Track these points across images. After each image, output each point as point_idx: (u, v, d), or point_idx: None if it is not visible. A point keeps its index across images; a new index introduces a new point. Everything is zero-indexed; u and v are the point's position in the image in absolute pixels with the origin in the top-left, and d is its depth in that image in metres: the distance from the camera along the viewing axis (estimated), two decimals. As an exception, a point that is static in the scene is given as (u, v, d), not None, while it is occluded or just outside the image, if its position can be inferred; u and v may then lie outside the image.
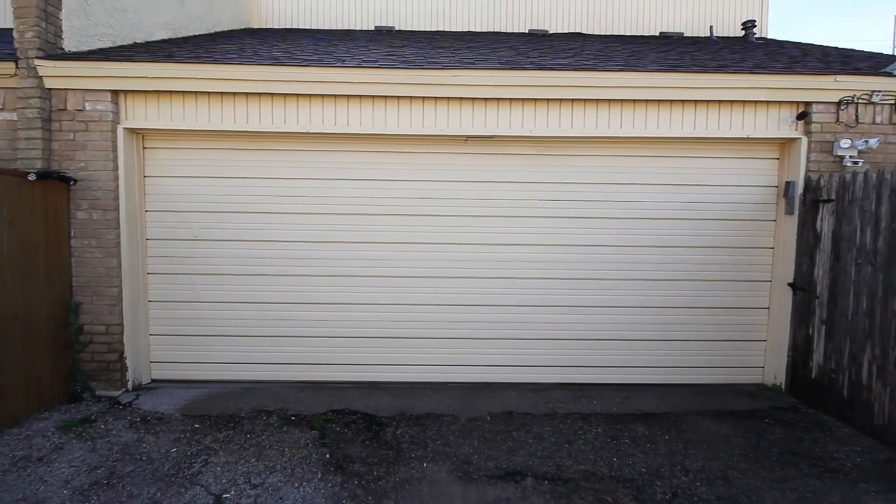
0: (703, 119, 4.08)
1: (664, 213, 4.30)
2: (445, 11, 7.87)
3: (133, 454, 3.04)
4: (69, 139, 3.87)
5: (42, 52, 3.81)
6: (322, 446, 3.14)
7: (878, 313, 3.31)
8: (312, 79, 3.88)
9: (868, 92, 3.95)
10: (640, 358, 4.34)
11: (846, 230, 3.59)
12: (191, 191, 4.16)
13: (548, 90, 3.93)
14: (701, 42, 6.82)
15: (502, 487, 2.70)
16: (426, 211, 4.23)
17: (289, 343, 4.24)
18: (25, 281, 3.51)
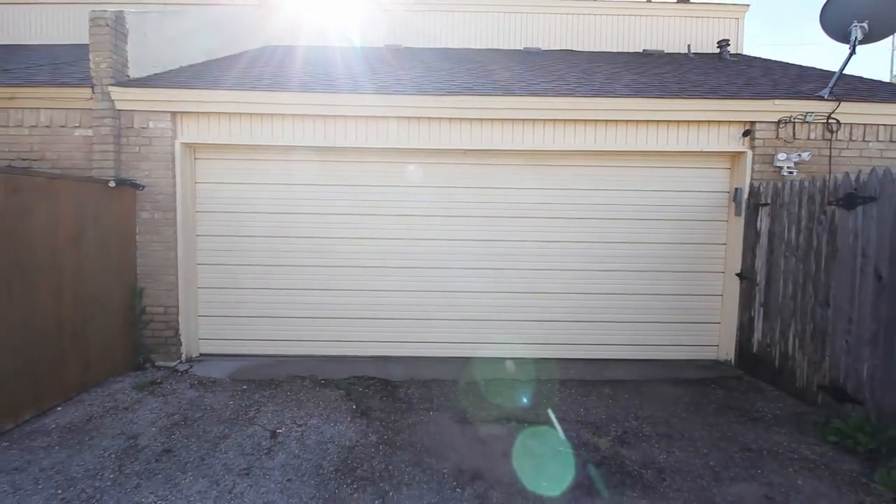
0: (665, 135, 4.84)
1: (633, 214, 5.06)
2: (448, 29, 8.63)
3: (198, 405, 3.82)
4: (135, 152, 4.66)
5: (113, 80, 4.60)
6: (349, 400, 3.92)
7: (799, 297, 4.07)
8: (333, 102, 4.66)
9: (802, 113, 4.71)
10: (613, 337, 5.10)
11: (777, 228, 4.35)
12: (233, 194, 4.95)
13: (534, 112, 4.70)
14: (678, 60, 7.58)
15: (491, 427, 3.47)
16: (430, 212, 5.01)
17: (315, 323, 5.02)
18: (104, 270, 4.30)
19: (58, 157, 4.72)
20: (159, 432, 3.37)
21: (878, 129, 4.81)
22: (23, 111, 4.72)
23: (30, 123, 4.72)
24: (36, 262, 3.59)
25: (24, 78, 5.02)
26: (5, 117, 4.73)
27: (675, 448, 3.22)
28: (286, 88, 4.74)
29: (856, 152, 4.82)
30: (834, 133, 4.76)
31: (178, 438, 3.27)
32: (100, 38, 4.56)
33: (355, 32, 8.58)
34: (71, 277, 3.92)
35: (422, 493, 2.67)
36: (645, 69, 6.42)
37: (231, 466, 2.92)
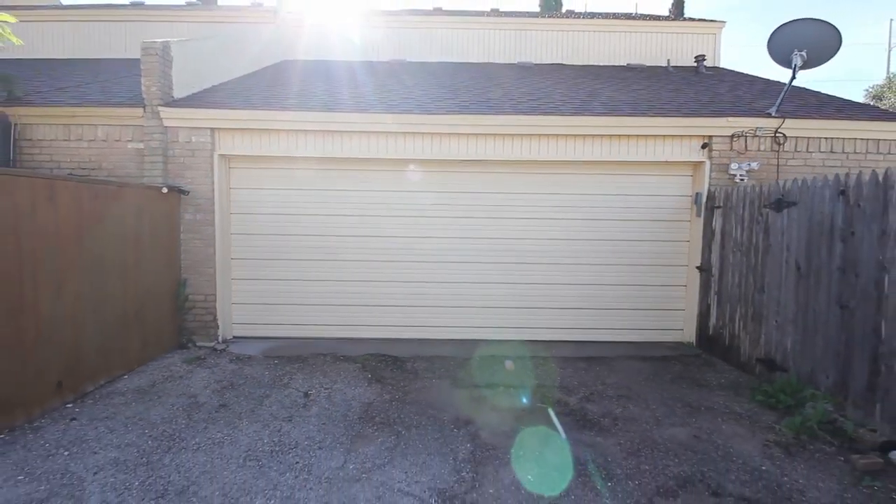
0: (635, 148, 5.60)
1: (610, 215, 5.83)
2: (449, 44, 9.39)
3: (240, 375, 4.60)
4: (180, 162, 5.44)
5: (161, 101, 5.38)
6: (365, 371, 4.70)
7: (743, 285, 4.84)
8: (348, 119, 5.43)
9: (753, 128, 5.47)
10: (592, 321, 5.87)
11: (728, 227, 5.12)
12: (262, 198, 5.72)
13: (521, 128, 5.47)
14: (657, 74, 8.35)
15: (482, 391, 4.24)
16: (433, 213, 5.78)
17: (333, 310, 5.80)
18: (156, 263, 5.09)
19: (112, 166, 5.50)
20: (213, 393, 4.15)
21: (819, 141, 5.57)
22: (82, 127, 5.50)
23: (88, 138, 5.51)
24: (108, 257, 4.37)
25: (81, 97, 5.80)
26: (67, 132, 5.51)
27: (630, 405, 3.99)
28: (311, 108, 5.51)
29: (801, 161, 5.58)
30: (781, 145, 5.51)
31: (230, 397, 4.05)
32: (150, 64, 5.34)
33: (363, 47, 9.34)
34: (132, 269, 4.70)
35: (427, 432, 3.44)
36: (624, 85, 7.18)
37: (276, 415, 3.70)
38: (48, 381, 3.72)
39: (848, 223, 3.62)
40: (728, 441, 3.37)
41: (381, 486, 2.77)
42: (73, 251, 3.97)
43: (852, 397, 3.53)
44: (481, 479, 2.85)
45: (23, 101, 5.57)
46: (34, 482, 2.77)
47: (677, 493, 2.74)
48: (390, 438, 3.36)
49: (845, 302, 3.61)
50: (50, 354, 3.73)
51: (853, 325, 3.53)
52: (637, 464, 3.06)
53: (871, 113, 5.86)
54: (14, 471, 2.88)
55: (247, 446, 3.22)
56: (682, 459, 3.12)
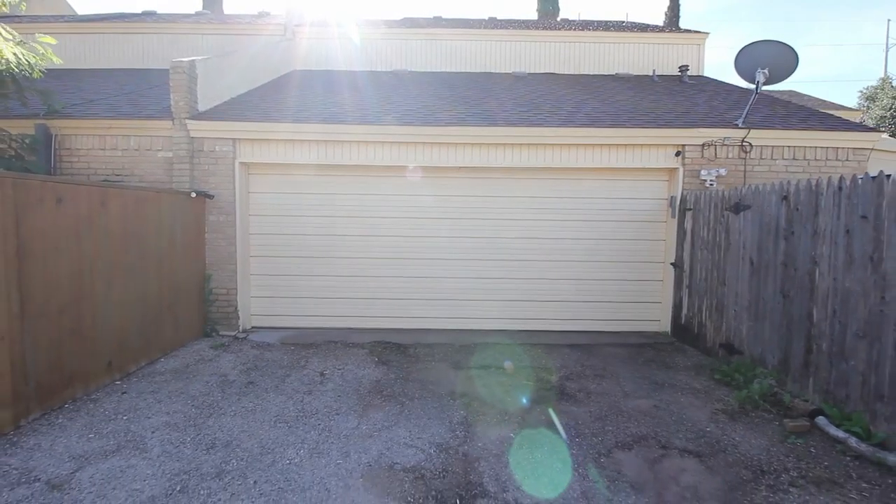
0: (615, 155, 6.19)
1: (592, 216, 6.41)
2: (449, 54, 9.97)
3: (262, 358, 5.20)
4: (205, 169, 6.04)
5: (188, 114, 5.98)
6: (372, 355, 5.30)
7: (709, 279, 5.43)
8: (354, 131, 6.02)
9: (721, 138, 6.05)
10: (576, 313, 6.46)
11: (697, 228, 5.71)
12: (277, 201, 6.32)
13: (511, 139, 6.05)
14: (643, 83, 8.93)
15: (475, 371, 4.84)
16: (430, 214, 6.37)
17: (343, 303, 6.40)
18: (185, 260, 5.69)
19: (144, 173, 6.10)
20: (240, 373, 4.75)
21: (783, 149, 6.15)
22: (116, 137, 6.10)
23: (122, 147, 6.11)
24: (147, 254, 4.98)
25: (114, 110, 6.40)
26: (102, 142, 6.11)
27: (604, 382, 4.58)
28: (321, 121, 6.10)
29: (766, 168, 6.16)
30: (747, 153, 6.10)
31: (256, 376, 4.65)
32: (178, 81, 5.94)
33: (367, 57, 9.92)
34: (166, 265, 5.30)
35: (427, 403, 4.04)
36: (609, 96, 7.76)
37: (297, 389, 4.30)
38: (101, 360, 4.32)
39: (789, 224, 4.21)
40: (683, 410, 3.97)
41: (389, 441, 3.38)
42: (120, 249, 4.57)
43: (791, 373, 4.12)
44: (471, 437, 3.45)
45: (61, 114, 6.16)
46: (103, 439, 3.38)
47: (632, 446, 3.34)
48: (396, 407, 3.96)
49: (787, 292, 4.20)
50: (102, 338, 4.33)
51: (792, 311, 4.12)
52: (602, 426, 3.65)
53: (830, 123, 6.43)
54: (84, 430, 3.49)
55: (275, 413, 3.82)
56: (641, 423, 3.71)
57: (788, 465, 3.09)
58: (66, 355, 3.94)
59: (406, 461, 3.11)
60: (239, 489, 2.78)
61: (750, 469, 3.06)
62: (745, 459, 3.18)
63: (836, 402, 3.65)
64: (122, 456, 3.14)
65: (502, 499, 2.71)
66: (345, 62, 9.83)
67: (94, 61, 9.88)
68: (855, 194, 3.53)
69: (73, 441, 3.33)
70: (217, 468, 3.00)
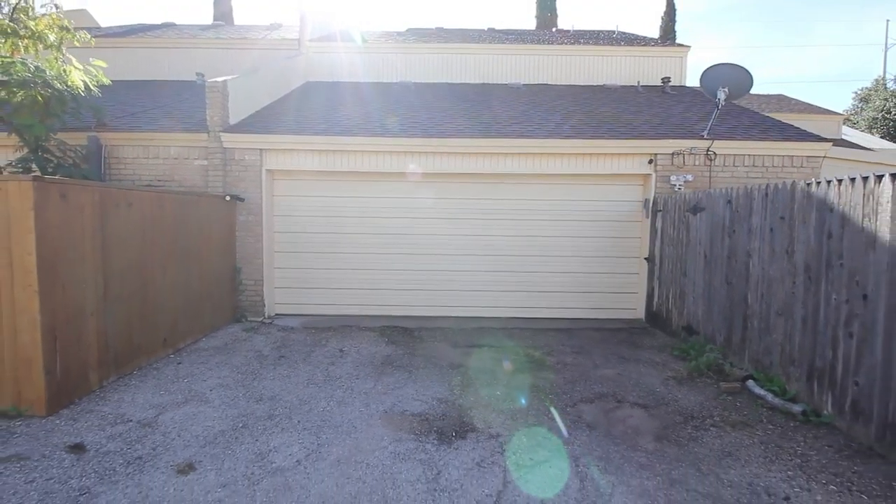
0: (597, 163, 7.02)
1: (577, 216, 7.24)
2: (450, 67, 10.80)
3: (288, 339, 6.06)
4: (236, 175, 6.91)
5: (221, 127, 6.84)
6: (382, 337, 6.15)
7: (674, 271, 6.26)
8: (365, 142, 6.87)
9: (688, 147, 6.88)
10: (562, 302, 7.30)
11: (665, 227, 6.54)
12: (299, 203, 7.18)
13: (503, 149, 6.90)
14: (628, 93, 9.76)
15: (472, 350, 5.68)
16: (429, 215, 7.21)
17: (356, 293, 7.25)
18: (219, 254, 6.56)
19: (182, 179, 6.97)
20: (272, 349, 5.61)
21: (744, 157, 6.97)
22: (158, 147, 6.98)
23: (163, 156, 6.98)
24: (191, 249, 5.84)
25: (154, 123, 7.27)
26: (146, 152, 6.99)
27: (579, 357, 5.43)
28: (334, 133, 6.95)
29: (728, 174, 6.98)
30: (712, 161, 6.92)
31: (285, 351, 5.52)
32: (213, 99, 6.80)
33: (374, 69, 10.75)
34: (205, 258, 6.17)
35: (431, 372, 4.90)
36: (595, 107, 8.59)
37: (322, 362, 5.16)
38: (159, 337, 5.20)
39: (732, 223, 5.04)
40: (640, 377, 4.81)
41: (400, 396, 4.23)
42: (171, 245, 5.44)
43: (732, 348, 4.95)
44: (466, 394, 4.31)
45: (109, 127, 7.03)
46: (172, 395, 4.25)
47: (594, 401, 4.19)
48: (404, 374, 4.81)
49: (730, 280, 5.03)
50: (160, 318, 5.20)
51: (734, 296, 4.96)
52: (573, 387, 4.50)
53: (787, 134, 7.24)
54: (155, 389, 4.36)
55: (306, 377, 4.68)
56: (604, 386, 4.56)
57: (714, 414, 3.93)
58: (134, 331, 4.81)
59: (414, 409, 3.97)
60: (287, 426, 3.63)
61: (683, 416, 3.90)
62: (681, 410, 4.02)
63: (762, 368, 4.49)
64: (190, 405, 4.01)
65: (487, 433, 3.56)
66: (353, 73, 10.66)
67: (125, 73, 10.72)
68: (776, 199, 4.36)
69: (148, 396, 4.19)
70: (267, 413, 3.86)
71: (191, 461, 3.11)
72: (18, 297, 3.71)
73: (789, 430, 3.63)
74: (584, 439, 3.48)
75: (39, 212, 3.69)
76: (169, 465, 3.07)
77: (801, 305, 4.03)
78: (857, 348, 3.46)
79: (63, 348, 3.91)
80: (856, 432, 3.45)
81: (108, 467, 3.04)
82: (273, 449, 3.29)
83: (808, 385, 3.92)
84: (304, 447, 3.31)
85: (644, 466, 3.12)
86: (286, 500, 2.70)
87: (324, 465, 3.08)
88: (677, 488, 2.87)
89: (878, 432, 3.28)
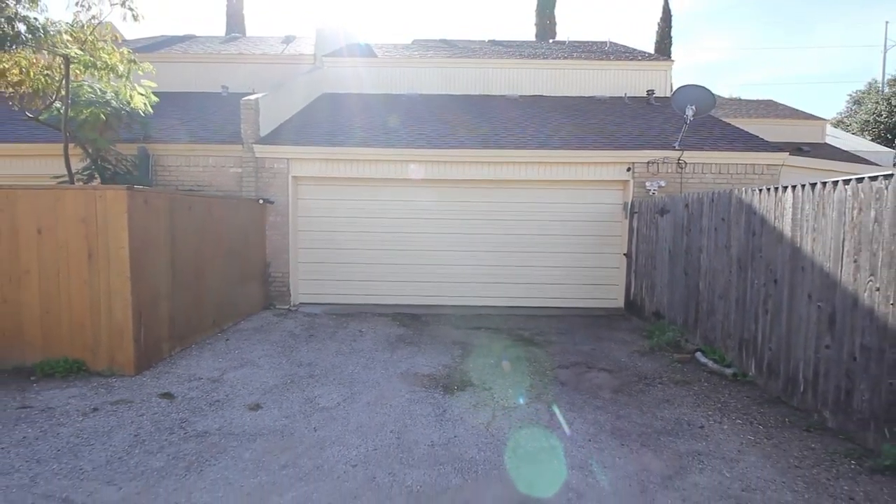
0: (583, 170, 8.00)
1: (566, 217, 8.23)
2: (453, 79, 11.78)
3: (313, 322, 7.07)
4: (266, 181, 7.92)
5: (253, 140, 7.86)
6: (394, 321, 7.16)
7: (647, 265, 7.24)
8: (378, 153, 7.88)
9: (662, 157, 7.85)
10: (551, 293, 8.28)
11: (640, 226, 7.52)
12: (320, 206, 8.19)
13: (500, 158, 7.89)
14: (616, 104, 10.73)
15: (469, 331, 6.68)
16: (431, 216, 8.21)
17: (370, 284, 8.25)
18: (253, 250, 7.57)
19: (219, 184, 7.99)
20: (302, 330, 6.63)
21: (711, 165, 7.94)
22: (198, 157, 8.00)
23: (203, 165, 8.00)
24: (231, 244, 6.86)
25: (193, 135, 8.29)
26: (187, 161, 8.01)
27: (562, 337, 6.42)
28: (348, 144, 7.96)
29: (697, 180, 7.95)
30: (683, 169, 7.89)
31: (313, 332, 6.53)
32: (247, 115, 7.82)
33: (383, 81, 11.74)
34: (242, 254, 7.19)
35: (436, 346, 5.90)
36: (584, 119, 9.56)
37: (345, 339, 6.17)
38: (209, 318, 6.22)
39: (688, 223, 6.01)
40: (610, 351, 5.80)
41: (412, 363, 5.23)
42: (217, 241, 6.45)
43: (688, 328, 5.93)
44: (465, 362, 5.31)
45: (155, 139, 8.06)
46: (228, 361, 5.26)
47: (569, 367, 5.18)
48: (415, 348, 5.81)
49: (687, 271, 6.01)
50: (209, 303, 6.22)
51: (689, 285, 5.93)
52: (553, 358, 5.49)
53: (751, 145, 8.20)
54: (214, 358, 5.37)
55: (334, 350, 5.69)
56: (579, 357, 5.55)
57: (663, 376, 4.92)
58: (192, 313, 5.83)
59: (424, 371, 4.97)
60: (325, 382, 4.64)
61: (638, 377, 4.88)
62: (638, 373, 5.00)
63: (708, 342, 5.47)
64: (246, 369, 5.03)
65: (481, 387, 4.55)
66: (364, 85, 11.65)
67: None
68: (718, 204, 5.34)
69: (210, 362, 5.21)
70: (308, 374, 4.87)
71: (257, 403, 4.13)
72: (113, 282, 4.73)
73: (720, 387, 4.61)
74: (557, 391, 4.48)
75: (130, 214, 4.71)
76: (241, 405, 4.08)
77: (734, 290, 5.01)
78: (770, 321, 4.44)
79: (146, 323, 4.93)
80: (769, 387, 4.44)
81: (196, 406, 4.06)
82: (317, 396, 4.30)
83: (739, 353, 4.90)
84: (341, 395, 4.32)
85: (600, 408, 4.11)
86: (334, 425, 3.71)
87: (357, 406, 4.09)
88: (622, 420, 3.87)
89: (783, 385, 4.26)
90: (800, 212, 4.12)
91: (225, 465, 3.13)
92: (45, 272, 4.78)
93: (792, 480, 3.02)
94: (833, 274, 3.73)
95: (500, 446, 3.43)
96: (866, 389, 3.40)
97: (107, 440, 3.46)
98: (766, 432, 3.67)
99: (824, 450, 3.38)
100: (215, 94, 11.34)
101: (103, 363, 4.80)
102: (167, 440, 3.47)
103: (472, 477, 3.03)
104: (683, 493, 2.89)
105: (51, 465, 3.12)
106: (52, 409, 3.95)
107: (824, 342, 3.79)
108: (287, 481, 2.95)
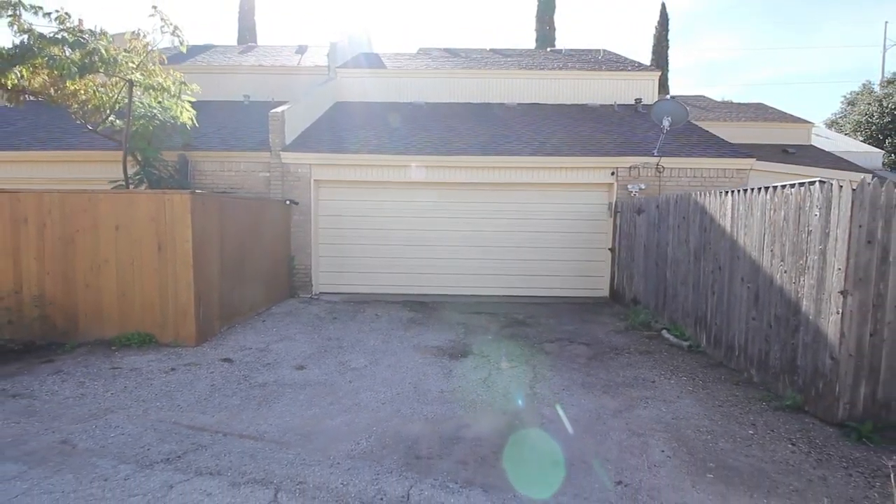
0: (573, 174, 9.00)
1: (558, 216, 9.23)
2: (456, 88, 12.77)
3: (335, 308, 8.10)
4: (291, 185, 8.96)
5: (280, 147, 8.89)
6: (405, 307, 8.19)
7: (627, 258, 8.24)
8: (389, 159, 8.89)
9: (642, 163, 8.84)
10: (544, 283, 9.28)
11: (622, 224, 8.52)
12: (339, 206, 9.22)
13: (498, 163, 8.89)
14: (605, 112, 11.70)
15: (469, 315, 7.70)
16: (433, 214, 9.22)
17: (383, 276, 9.27)
18: (280, 245, 8.61)
19: (250, 187, 9.03)
20: (326, 314, 7.66)
21: (686, 170, 8.92)
22: (231, 163, 9.04)
23: (235, 170, 9.04)
24: (262, 240, 7.89)
25: (225, 143, 9.33)
26: (221, 166, 9.05)
27: (551, 320, 7.43)
28: (362, 151, 8.98)
29: (674, 183, 8.93)
30: (661, 173, 8.87)
31: (336, 315, 7.56)
32: (274, 125, 8.85)
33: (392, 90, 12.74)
34: (270, 248, 8.22)
35: (442, 326, 6.92)
36: (575, 126, 10.55)
37: (364, 321, 7.20)
38: (247, 303, 7.26)
39: (658, 221, 7.01)
40: (591, 330, 6.81)
41: (422, 339, 6.26)
42: (253, 237, 7.49)
43: (658, 310, 6.94)
44: (467, 337, 6.33)
45: (192, 146, 9.09)
46: (270, 336, 6.29)
47: (554, 341, 6.19)
48: (424, 328, 6.84)
49: (658, 262, 7.01)
50: (247, 289, 7.26)
51: (659, 274, 6.93)
52: (542, 335, 6.50)
53: (723, 151, 9.17)
54: (257, 334, 6.41)
55: (356, 328, 6.73)
56: (563, 335, 6.56)
57: (632, 347, 5.92)
58: (235, 297, 6.86)
59: (432, 344, 6.00)
60: (352, 351, 5.67)
61: (611, 349, 5.89)
62: (611, 346, 6.01)
63: (673, 322, 6.47)
64: (286, 342, 6.06)
65: (481, 355, 5.57)
66: (374, 95, 12.62)
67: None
68: (680, 204, 6.34)
69: (254, 337, 6.25)
70: (336, 345, 5.91)
71: (301, 364, 5.17)
72: (179, 270, 5.77)
73: (676, 356, 5.62)
74: (542, 358, 5.50)
75: (192, 214, 5.74)
76: (289, 366, 5.12)
77: (691, 276, 6.01)
78: (716, 301, 5.44)
79: (203, 304, 5.97)
80: (715, 354, 5.44)
81: (252, 367, 5.10)
82: (348, 360, 5.34)
83: (695, 329, 5.91)
84: (367, 360, 5.36)
85: (575, 370, 5.13)
86: (364, 380, 4.74)
87: (380, 368, 5.12)
88: (591, 377, 4.88)
89: (724, 352, 5.27)
90: (736, 212, 5.12)
91: (286, 403, 4.16)
92: (121, 262, 5.83)
93: (712, 414, 4.03)
94: (757, 261, 4.73)
95: (494, 393, 4.45)
96: (777, 349, 4.41)
97: (191, 388, 4.50)
98: (704, 385, 4.68)
99: (745, 396, 4.39)
100: (238, 103, 12.35)
101: (170, 336, 5.84)
102: (237, 388, 4.51)
103: (472, 410, 4.06)
104: (628, 420, 3.90)
105: (154, 403, 4.16)
106: (138, 369, 5.00)
107: (752, 315, 4.79)
108: (335, 412, 3.98)
